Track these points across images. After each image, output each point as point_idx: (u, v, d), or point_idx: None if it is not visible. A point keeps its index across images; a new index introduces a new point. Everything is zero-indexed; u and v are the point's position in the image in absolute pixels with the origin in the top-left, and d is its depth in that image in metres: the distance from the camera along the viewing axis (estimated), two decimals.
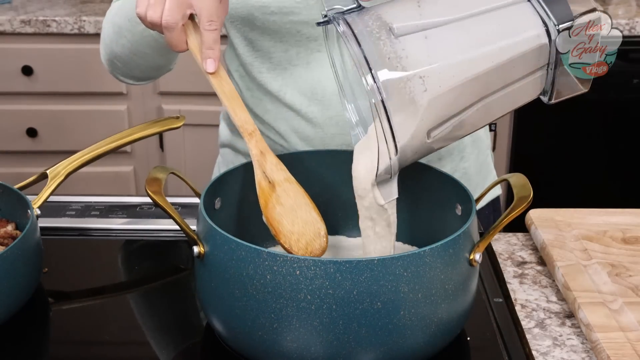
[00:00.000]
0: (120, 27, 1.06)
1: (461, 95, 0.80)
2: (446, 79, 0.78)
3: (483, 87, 0.81)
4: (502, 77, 0.82)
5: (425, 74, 0.77)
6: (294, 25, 1.05)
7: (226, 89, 0.89)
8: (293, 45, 1.07)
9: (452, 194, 0.92)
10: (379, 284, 0.74)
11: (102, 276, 1.02)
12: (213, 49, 0.87)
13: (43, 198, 0.97)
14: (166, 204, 0.82)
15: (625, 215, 1.10)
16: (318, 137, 1.10)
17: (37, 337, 0.89)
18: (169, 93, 2.41)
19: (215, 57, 0.88)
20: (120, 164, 2.47)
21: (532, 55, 0.82)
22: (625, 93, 2.36)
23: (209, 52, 0.87)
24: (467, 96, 0.80)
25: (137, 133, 1.05)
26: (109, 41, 1.10)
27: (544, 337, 0.89)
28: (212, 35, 0.87)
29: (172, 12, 0.86)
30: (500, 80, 0.82)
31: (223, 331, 0.83)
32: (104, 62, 1.16)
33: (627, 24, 2.30)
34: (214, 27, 0.87)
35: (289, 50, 1.07)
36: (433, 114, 0.79)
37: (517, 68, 0.82)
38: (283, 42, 1.07)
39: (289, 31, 1.06)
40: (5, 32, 2.32)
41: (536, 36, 0.82)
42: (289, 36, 1.06)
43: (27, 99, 2.42)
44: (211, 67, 0.88)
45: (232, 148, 1.22)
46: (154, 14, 0.87)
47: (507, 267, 1.03)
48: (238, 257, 0.77)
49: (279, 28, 1.06)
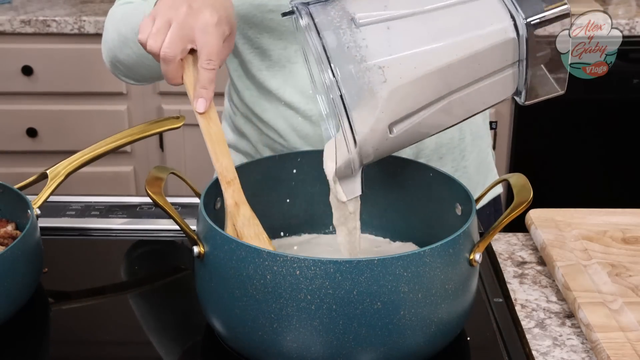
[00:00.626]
0: (125, 38, 1.05)
1: (424, 89, 0.78)
2: (407, 71, 0.77)
3: (447, 81, 0.79)
4: (467, 72, 0.80)
5: (384, 64, 0.76)
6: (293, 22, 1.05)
7: (213, 130, 0.88)
8: (292, 43, 1.07)
9: (452, 193, 0.92)
10: (379, 284, 0.74)
11: (102, 276, 1.02)
12: (207, 88, 0.86)
13: (43, 198, 0.97)
14: (166, 204, 0.82)
15: (625, 215, 1.10)
16: (317, 135, 1.10)
17: (37, 337, 0.89)
18: (169, 93, 2.41)
19: (207, 98, 0.86)
20: (120, 164, 2.47)
21: (499, 50, 0.80)
22: (625, 93, 2.36)
23: (202, 91, 0.86)
24: (430, 90, 0.79)
25: (137, 133, 1.04)
26: (112, 46, 1.09)
27: (544, 337, 0.89)
28: (209, 75, 0.85)
29: (172, 46, 0.85)
30: (465, 76, 0.80)
31: (223, 331, 0.83)
32: (106, 63, 1.15)
33: (627, 24, 2.30)
34: (212, 67, 0.85)
35: (288, 47, 1.07)
36: (393, 107, 0.77)
37: (484, 63, 0.80)
38: (282, 39, 1.07)
39: (288, 29, 1.05)
40: (5, 32, 2.32)
41: (502, 30, 0.79)
42: (288, 34, 1.06)
43: (27, 99, 2.42)
44: (201, 108, 0.87)
45: (233, 148, 1.22)
46: (154, 44, 0.86)
47: (507, 267, 1.03)
48: (238, 257, 0.77)
49: (277, 26, 1.05)
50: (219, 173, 0.87)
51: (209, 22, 0.85)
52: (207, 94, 0.86)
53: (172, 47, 0.85)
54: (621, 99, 2.38)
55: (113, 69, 1.14)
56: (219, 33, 0.86)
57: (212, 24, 0.85)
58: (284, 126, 1.12)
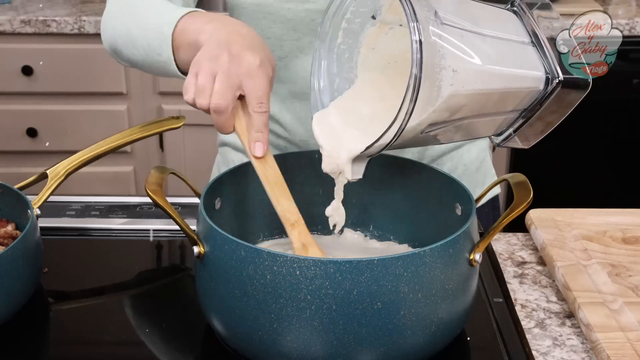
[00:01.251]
0: (134, 39, 1.00)
1: (470, 104, 0.80)
2: (470, 83, 0.78)
3: (484, 104, 0.82)
4: (500, 103, 0.83)
5: (457, 69, 0.77)
6: (309, 13, 1.04)
7: (270, 174, 0.86)
8: (306, 34, 1.06)
9: (452, 194, 0.92)
10: (379, 284, 0.74)
11: (102, 276, 1.02)
12: (262, 132, 0.85)
13: (43, 198, 0.97)
14: (166, 204, 0.82)
15: (625, 215, 1.10)
16: None
17: (37, 337, 0.89)
18: (169, 93, 2.41)
19: (264, 141, 0.85)
20: (120, 164, 2.47)
21: (525, 95, 0.83)
22: (625, 93, 2.36)
23: (258, 135, 0.85)
24: (472, 107, 0.81)
25: (137, 133, 1.04)
26: (116, 36, 1.05)
27: (544, 337, 0.89)
28: (262, 118, 0.84)
29: (223, 97, 0.83)
30: (496, 106, 0.83)
31: (223, 331, 0.83)
32: (105, 45, 1.11)
33: (627, 24, 2.30)
34: (264, 110, 0.84)
35: (301, 39, 1.07)
36: (444, 110, 0.78)
37: (512, 100, 0.83)
38: (295, 30, 1.06)
39: (303, 19, 1.05)
40: (5, 32, 2.32)
41: (539, 79, 0.83)
42: (302, 25, 1.06)
43: (27, 99, 2.42)
44: (260, 152, 0.85)
45: (231, 146, 1.22)
46: (204, 102, 0.84)
47: (507, 267, 1.03)
48: (238, 257, 0.77)
49: (293, 16, 1.05)
50: (282, 217, 0.86)
51: (253, 66, 0.84)
52: (263, 137, 0.85)
53: (223, 98, 0.83)
54: (621, 99, 2.38)
55: (113, 54, 1.10)
56: (264, 74, 0.84)
57: (256, 67, 0.84)
58: (290, 118, 1.11)
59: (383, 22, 0.89)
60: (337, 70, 0.90)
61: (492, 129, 0.89)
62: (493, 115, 0.85)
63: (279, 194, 0.86)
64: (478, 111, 0.82)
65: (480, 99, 0.80)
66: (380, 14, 0.89)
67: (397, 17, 0.88)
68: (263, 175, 0.86)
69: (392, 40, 0.89)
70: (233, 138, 1.21)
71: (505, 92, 0.82)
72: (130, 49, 1.03)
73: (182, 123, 1.07)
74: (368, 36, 0.90)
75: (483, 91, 0.79)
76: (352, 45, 0.90)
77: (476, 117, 0.83)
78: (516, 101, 0.84)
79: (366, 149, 0.82)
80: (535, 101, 0.85)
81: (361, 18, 0.89)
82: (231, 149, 1.22)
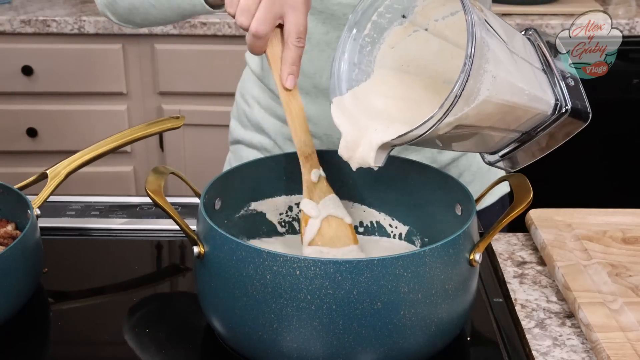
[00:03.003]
0: None
1: (494, 114, 0.80)
2: (502, 93, 0.79)
3: (502, 118, 0.82)
4: (514, 120, 0.84)
5: (497, 76, 0.77)
6: (342, 7, 1.04)
7: (293, 106, 0.88)
8: (335, 28, 1.06)
9: (452, 194, 0.92)
10: (379, 284, 0.74)
11: (102, 276, 1.02)
12: (297, 65, 0.86)
13: (43, 198, 0.97)
14: (166, 204, 0.82)
15: (625, 215, 1.10)
16: None
17: (37, 337, 0.89)
18: (169, 93, 2.40)
19: (296, 74, 0.86)
20: (120, 164, 2.47)
21: (534, 116, 0.85)
22: (625, 93, 2.36)
23: (293, 67, 0.86)
24: (493, 118, 0.81)
25: (137, 133, 1.04)
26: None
27: (544, 337, 0.89)
28: (299, 52, 0.85)
29: (264, 22, 0.84)
30: (510, 122, 0.84)
31: (223, 331, 0.83)
32: (100, 3, 1.10)
33: (627, 24, 2.30)
34: (302, 44, 0.85)
35: (330, 33, 1.07)
36: (473, 114, 0.78)
37: (523, 119, 0.84)
38: (325, 24, 1.06)
39: (334, 13, 1.05)
40: (5, 32, 2.32)
41: (549, 104, 0.84)
42: (333, 19, 1.05)
43: (27, 99, 2.42)
44: (291, 84, 0.86)
45: (245, 144, 1.22)
46: (245, 20, 0.84)
47: (507, 267, 1.03)
48: (238, 257, 0.77)
49: (324, 9, 1.05)
50: (298, 148, 0.89)
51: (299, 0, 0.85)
52: (297, 70, 0.86)
53: (264, 24, 0.84)
54: (621, 99, 2.37)
55: (107, 6, 1.09)
56: (306, 10, 0.85)
57: (301, 1, 0.85)
58: (314, 111, 1.11)
59: (411, 23, 0.89)
60: (357, 61, 0.90)
61: (492, 145, 0.90)
62: (501, 132, 0.86)
63: (299, 126, 0.88)
64: (495, 124, 0.83)
65: (504, 111, 0.81)
66: (412, 14, 0.89)
67: (426, 21, 0.88)
68: (287, 107, 0.88)
69: (412, 43, 0.89)
70: (247, 136, 1.21)
71: (525, 110, 0.83)
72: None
73: (182, 123, 1.07)
74: (392, 34, 0.90)
75: (509, 104, 0.80)
76: (375, 39, 0.90)
77: (490, 129, 0.84)
78: (525, 121, 0.86)
79: (398, 137, 0.81)
80: (537, 125, 0.86)
81: (392, 14, 0.89)
82: (245, 147, 1.22)
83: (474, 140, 0.87)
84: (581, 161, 2.49)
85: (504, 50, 0.80)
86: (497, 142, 0.89)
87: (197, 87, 2.36)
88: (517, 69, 0.81)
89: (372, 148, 0.83)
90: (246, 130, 1.21)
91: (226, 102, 2.18)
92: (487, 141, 0.88)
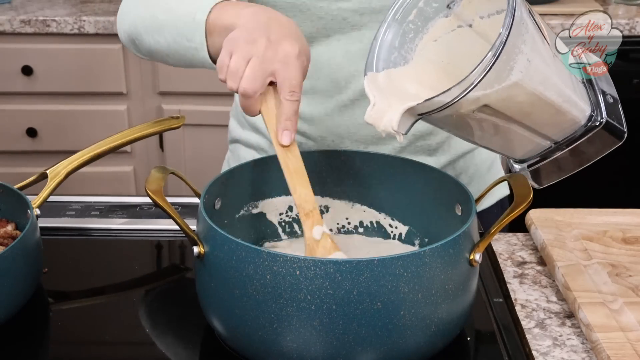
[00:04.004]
0: (161, 25, 0.98)
1: (525, 104, 0.80)
2: (535, 81, 0.78)
3: (533, 113, 0.82)
4: (542, 121, 0.83)
5: (532, 61, 0.77)
6: (341, 12, 1.04)
7: (291, 162, 0.85)
8: (336, 32, 1.06)
9: (452, 194, 0.92)
10: (379, 284, 0.74)
11: (102, 276, 1.02)
12: (292, 120, 0.84)
13: (43, 198, 0.97)
14: (166, 204, 0.82)
15: (625, 215, 1.10)
16: (344, 125, 1.10)
17: (37, 337, 0.89)
18: (169, 93, 2.41)
19: (293, 130, 0.85)
20: (120, 164, 2.47)
21: (568, 121, 0.85)
22: (625, 93, 2.35)
23: (288, 123, 0.84)
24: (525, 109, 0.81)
25: (137, 133, 1.04)
26: (139, 25, 1.02)
27: (544, 337, 0.88)
28: (293, 107, 0.84)
29: (253, 81, 0.83)
30: (541, 121, 0.83)
31: (223, 331, 0.83)
32: (121, 37, 1.09)
33: (627, 24, 2.30)
34: (296, 98, 0.84)
35: (331, 36, 1.07)
36: (501, 96, 0.78)
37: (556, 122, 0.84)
38: (326, 28, 1.06)
39: (335, 18, 1.05)
40: (5, 32, 2.32)
41: (584, 112, 0.84)
42: (334, 23, 1.05)
43: (27, 99, 2.42)
44: (287, 140, 0.85)
45: (242, 143, 1.22)
46: (233, 85, 0.84)
47: (507, 267, 1.03)
48: (238, 257, 0.77)
49: (325, 14, 1.05)
50: (298, 205, 0.86)
51: (290, 55, 0.83)
52: (292, 125, 0.84)
53: (253, 82, 0.83)
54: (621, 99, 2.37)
55: (130, 45, 1.08)
56: (300, 64, 0.84)
57: (293, 56, 0.83)
58: (310, 113, 1.11)
59: (456, 16, 0.89)
60: (398, 45, 0.89)
61: (518, 149, 0.89)
62: (532, 132, 0.85)
63: (297, 182, 0.86)
64: (526, 118, 0.82)
65: (536, 104, 0.80)
66: (457, 6, 0.88)
67: (471, 15, 0.88)
68: (284, 163, 0.85)
69: (455, 40, 0.89)
70: (245, 135, 1.21)
71: (557, 109, 0.82)
72: (155, 35, 1.00)
73: (182, 123, 1.07)
74: (436, 26, 0.89)
75: (542, 96, 0.80)
76: (419, 28, 0.90)
77: (520, 125, 0.83)
78: (556, 127, 0.85)
79: (424, 102, 0.80)
80: (569, 136, 0.86)
81: (438, 4, 0.88)
82: (242, 146, 1.22)
83: (500, 138, 0.85)
84: None
85: (543, 42, 0.80)
86: (525, 146, 0.88)
87: (197, 87, 2.35)
88: (555, 64, 0.81)
89: (398, 112, 0.82)
90: (244, 130, 1.21)
91: (226, 102, 2.18)
92: (513, 142, 0.87)
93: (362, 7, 1.03)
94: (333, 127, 1.11)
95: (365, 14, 1.04)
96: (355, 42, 1.06)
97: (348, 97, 1.09)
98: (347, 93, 1.09)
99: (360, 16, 1.04)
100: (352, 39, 1.06)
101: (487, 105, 0.79)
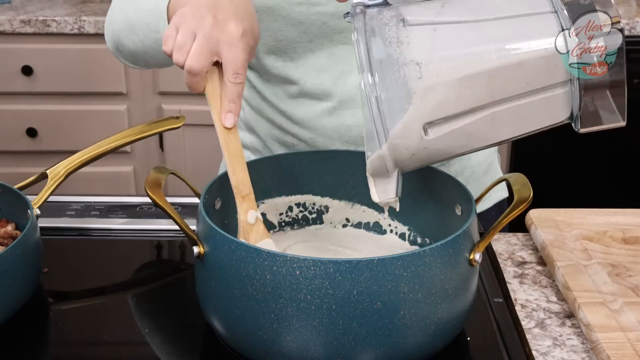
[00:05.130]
0: (133, 23, 1.01)
1: (463, 92, 0.77)
2: (445, 70, 0.76)
3: (489, 89, 0.78)
4: (512, 83, 0.78)
5: (422, 61, 0.76)
6: (320, 16, 1.04)
7: (232, 145, 0.86)
8: (317, 37, 1.06)
9: (452, 194, 0.92)
10: (379, 284, 0.74)
11: (102, 276, 1.02)
12: (235, 102, 0.84)
13: (43, 198, 0.97)
14: (166, 204, 0.82)
15: (625, 215, 1.10)
16: (333, 127, 1.10)
17: (37, 337, 0.89)
18: (169, 93, 2.41)
19: (236, 112, 0.85)
20: (120, 164, 2.47)
21: (545, 64, 0.78)
22: None
23: (231, 105, 0.84)
24: (470, 95, 0.78)
25: (137, 133, 1.04)
26: (117, 29, 1.06)
27: (544, 337, 0.89)
28: (237, 89, 0.84)
29: (198, 59, 0.83)
30: (510, 87, 0.79)
31: (223, 331, 0.83)
32: (108, 45, 1.12)
33: (627, 24, 2.30)
34: (240, 81, 0.84)
35: (313, 41, 1.07)
36: (429, 106, 0.77)
37: (530, 76, 0.78)
38: (307, 33, 1.06)
39: (315, 22, 1.05)
40: (5, 32, 2.32)
41: (550, 42, 0.78)
42: (314, 27, 1.06)
43: (27, 99, 2.42)
44: (230, 123, 0.85)
45: None
46: (180, 57, 0.84)
47: (507, 267, 1.03)
48: (238, 257, 0.77)
49: (304, 19, 1.05)
50: (235, 187, 0.86)
51: (235, 35, 0.84)
52: (236, 108, 0.85)
53: (198, 60, 0.83)
54: None
55: (116, 52, 1.11)
56: (244, 45, 0.84)
57: (237, 37, 0.84)
58: (300, 115, 1.11)
59: None
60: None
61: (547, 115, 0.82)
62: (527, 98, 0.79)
63: (236, 165, 0.86)
64: (489, 99, 0.78)
65: (477, 82, 0.77)
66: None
67: None
68: (225, 144, 0.86)
69: None
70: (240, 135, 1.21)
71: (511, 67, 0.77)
72: (130, 36, 1.02)
73: (182, 123, 1.07)
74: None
75: (471, 73, 0.76)
76: None
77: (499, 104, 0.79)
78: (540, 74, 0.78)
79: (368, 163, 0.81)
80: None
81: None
82: None
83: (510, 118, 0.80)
84: (581, 161, 2.49)
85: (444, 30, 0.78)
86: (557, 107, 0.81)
87: None
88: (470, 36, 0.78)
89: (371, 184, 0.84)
90: (240, 131, 1.21)
91: None
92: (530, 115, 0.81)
93: (339, 11, 1.03)
94: (322, 130, 1.11)
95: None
96: (338, 45, 1.06)
97: (336, 99, 1.09)
98: (334, 95, 1.09)
99: (338, 20, 1.04)
100: (335, 41, 1.06)
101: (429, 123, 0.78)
